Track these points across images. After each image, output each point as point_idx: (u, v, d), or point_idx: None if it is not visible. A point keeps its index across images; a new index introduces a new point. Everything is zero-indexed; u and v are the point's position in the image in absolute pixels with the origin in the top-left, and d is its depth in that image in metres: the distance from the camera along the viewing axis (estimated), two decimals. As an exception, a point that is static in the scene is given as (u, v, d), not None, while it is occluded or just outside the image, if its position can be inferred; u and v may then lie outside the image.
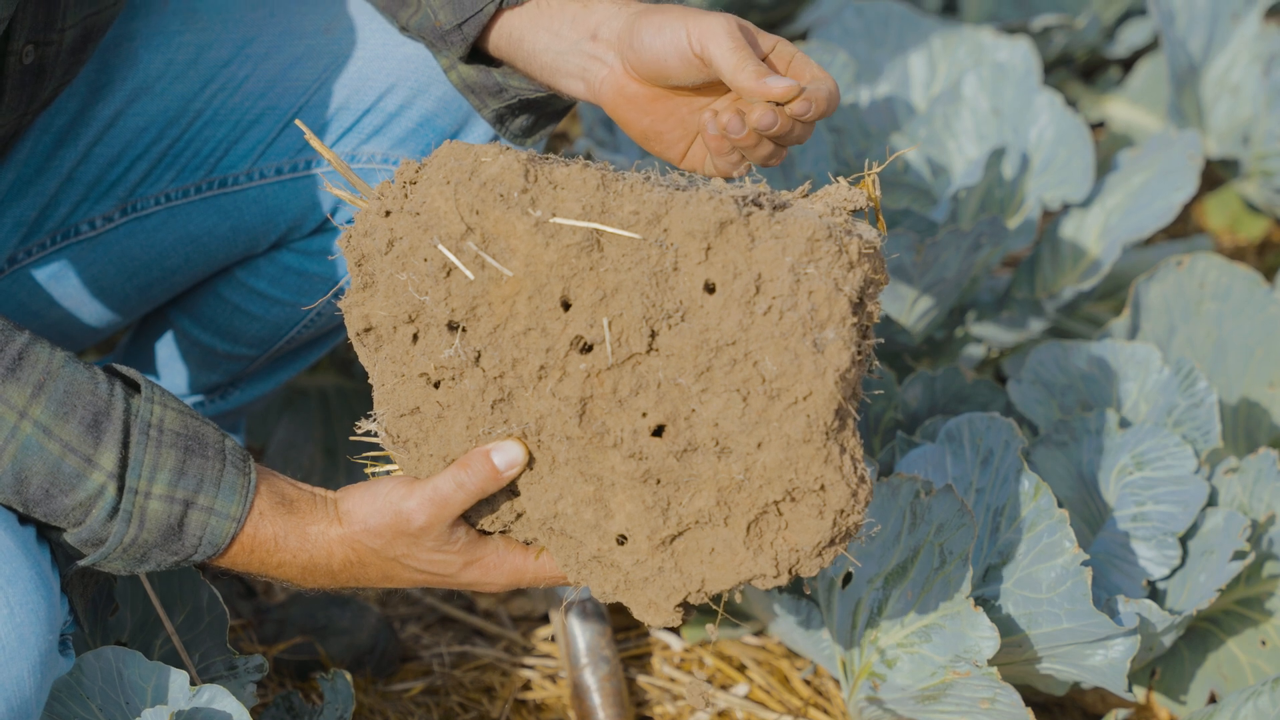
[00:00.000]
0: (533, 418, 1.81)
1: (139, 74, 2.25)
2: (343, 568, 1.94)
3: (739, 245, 1.74)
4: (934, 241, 2.78)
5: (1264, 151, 3.53)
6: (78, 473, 1.85)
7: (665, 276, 1.75)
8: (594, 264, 1.76)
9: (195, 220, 2.31)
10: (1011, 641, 2.33)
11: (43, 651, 1.85)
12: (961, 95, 3.21)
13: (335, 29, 2.25)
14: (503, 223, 1.77)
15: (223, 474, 1.89)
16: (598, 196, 1.76)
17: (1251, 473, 2.53)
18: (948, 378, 2.67)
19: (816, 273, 1.72)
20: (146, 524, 1.87)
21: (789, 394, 1.74)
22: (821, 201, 1.83)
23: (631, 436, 1.78)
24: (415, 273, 1.79)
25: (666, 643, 2.73)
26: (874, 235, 1.79)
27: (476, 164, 1.78)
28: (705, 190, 1.77)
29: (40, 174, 2.26)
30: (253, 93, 2.25)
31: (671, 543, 1.84)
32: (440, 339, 1.81)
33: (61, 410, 1.85)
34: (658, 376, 1.77)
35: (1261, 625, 2.52)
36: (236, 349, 2.46)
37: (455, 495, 1.87)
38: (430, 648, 2.74)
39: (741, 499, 1.79)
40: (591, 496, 1.83)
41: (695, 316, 1.75)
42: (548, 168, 1.78)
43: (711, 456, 1.78)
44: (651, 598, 1.86)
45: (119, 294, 2.36)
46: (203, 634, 2.25)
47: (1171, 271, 2.84)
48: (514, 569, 1.95)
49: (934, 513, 2.30)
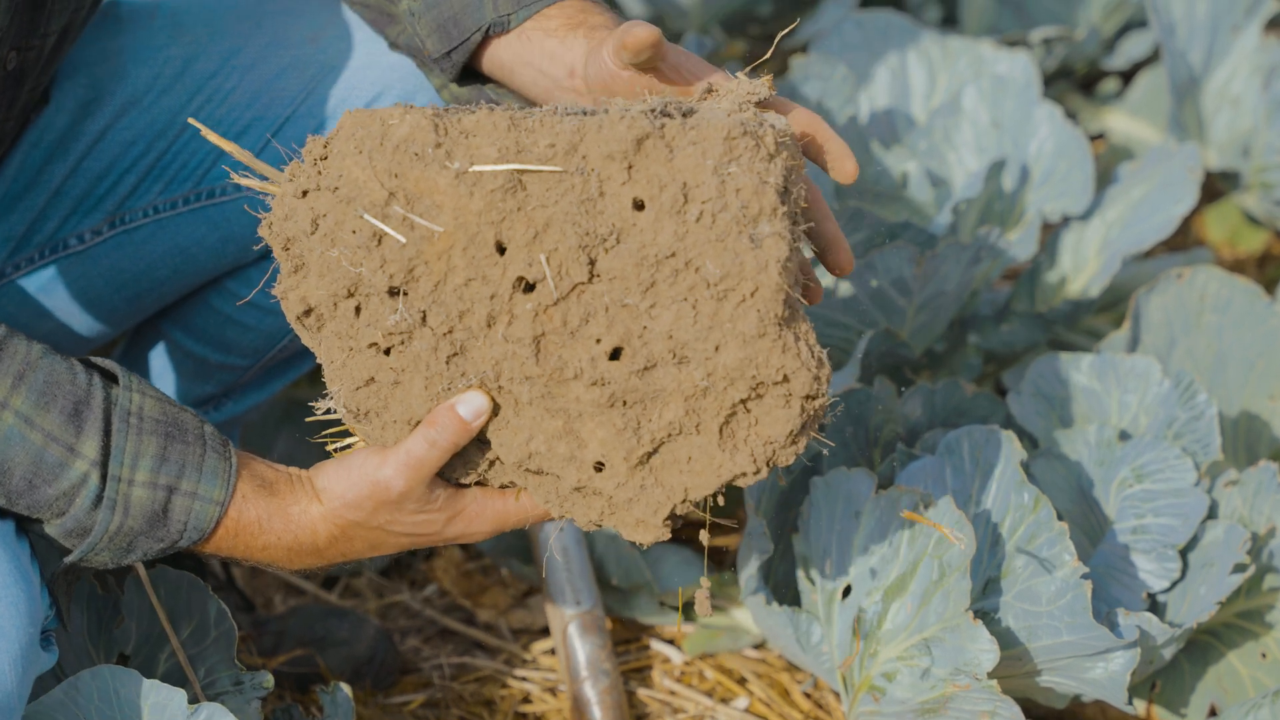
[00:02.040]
0: (489, 365, 1.82)
1: (127, 88, 2.26)
2: (329, 544, 1.94)
3: (659, 158, 1.75)
4: (934, 254, 2.78)
5: (1264, 164, 3.53)
6: (60, 462, 1.85)
7: (593, 202, 1.76)
8: (521, 204, 1.76)
9: (184, 232, 2.31)
10: (1011, 654, 2.33)
11: (23, 645, 1.85)
12: (961, 107, 3.21)
13: (321, 39, 2.26)
14: (423, 181, 1.76)
15: (204, 458, 1.89)
16: (511, 136, 1.76)
17: (1252, 485, 2.53)
18: (947, 390, 2.67)
19: (739, 170, 1.74)
20: (131, 511, 1.87)
21: (736, 293, 1.75)
22: (728, 99, 1.86)
23: (590, 364, 1.79)
24: (346, 246, 1.79)
25: (667, 656, 2.72)
26: (784, 123, 1.81)
27: (385, 128, 1.77)
28: (615, 111, 1.77)
29: (29, 189, 2.27)
30: (239, 103, 2.26)
31: (648, 460, 1.84)
32: (384, 306, 1.81)
33: (42, 400, 1.85)
34: (604, 301, 1.78)
35: (1262, 638, 2.52)
36: (229, 359, 2.46)
37: (429, 454, 1.86)
38: (430, 660, 2.74)
39: (709, 404, 1.80)
40: (562, 430, 1.84)
41: (630, 236, 1.76)
42: (456, 118, 1.78)
43: (672, 368, 1.79)
44: (638, 516, 1.87)
45: (109, 306, 2.36)
46: (210, 648, 2.24)
47: (1172, 284, 2.84)
48: (496, 514, 1.95)
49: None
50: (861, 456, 2.61)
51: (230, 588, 2.66)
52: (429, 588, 2.87)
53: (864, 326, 2.88)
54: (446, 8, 2.09)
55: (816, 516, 2.45)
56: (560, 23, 2.03)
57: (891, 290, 2.82)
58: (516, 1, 2.05)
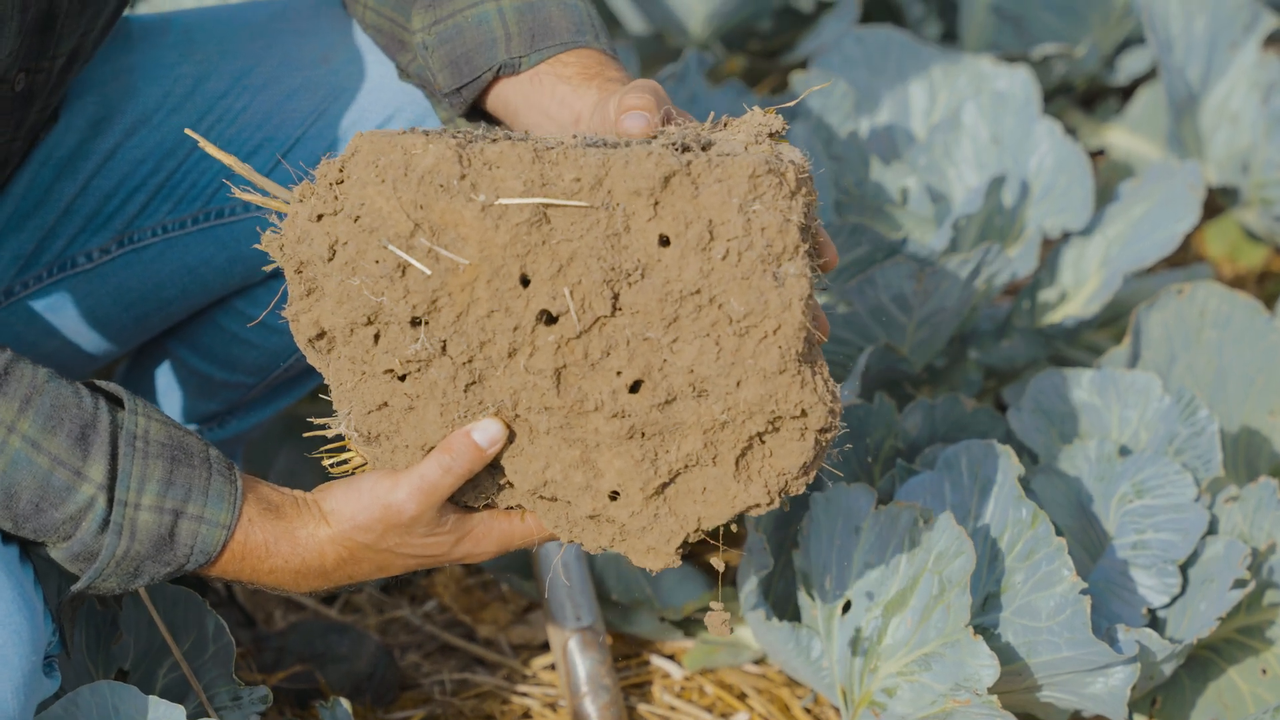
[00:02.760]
0: (507, 394, 1.82)
1: (138, 106, 2.26)
2: (336, 566, 1.93)
3: (685, 195, 1.76)
4: (934, 270, 2.78)
5: (1263, 180, 3.53)
6: (67, 485, 1.85)
7: (618, 237, 1.77)
8: (545, 237, 1.76)
9: (192, 251, 2.31)
10: (1011, 670, 2.32)
11: (26, 672, 1.85)
12: (961, 123, 3.21)
13: (333, 59, 2.26)
14: (449, 213, 1.76)
15: (209, 482, 1.89)
16: (535, 169, 1.76)
17: (1252, 501, 2.53)
18: (947, 406, 2.67)
19: (763, 208, 1.75)
20: (138, 535, 1.87)
21: (758, 330, 1.77)
22: (743, 131, 1.87)
23: (611, 397, 1.80)
24: (368, 276, 1.78)
25: (667, 671, 2.72)
26: (801, 156, 1.82)
27: (408, 157, 1.77)
28: (639, 146, 1.78)
29: (39, 207, 2.27)
30: (250, 124, 2.26)
31: (664, 490, 1.85)
32: (403, 335, 1.80)
33: (49, 424, 1.85)
34: (626, 334, 1.78)
35: (1262, 654, 2.52)
36: (235, 377, 2.46)
37: (443, 480, 1.86)
38: (430, 675, 2.74)
39: (726, 436, 1.81)
40: (579, 460, 1.84)
41: (655, 271, 1.77)
42: (478, 148, 1.78)
43: (692, 401, 1.80)
44: (650, 544, 1.88)
45: (116, 325, 2.36)
46: (208, 663, 2.24)
47: (1172, 300, 2.84)
48: (503, 535, 1.95)
49: (933, 541, 2.30)
50: (862, 472, 2.61)
51: (231, 603, 2.66)
52: (429, 603, 2.87)
53: (864, 342, 2.88)
54: (459, 44, 2.09)
55: (816, 532, 2.45)
56: (576, 70, 2.04)
57: (891, 306, 2.82)
58: (530, 45, 2.06)
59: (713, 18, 3.89)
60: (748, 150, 1.81)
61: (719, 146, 1.83)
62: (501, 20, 2.08)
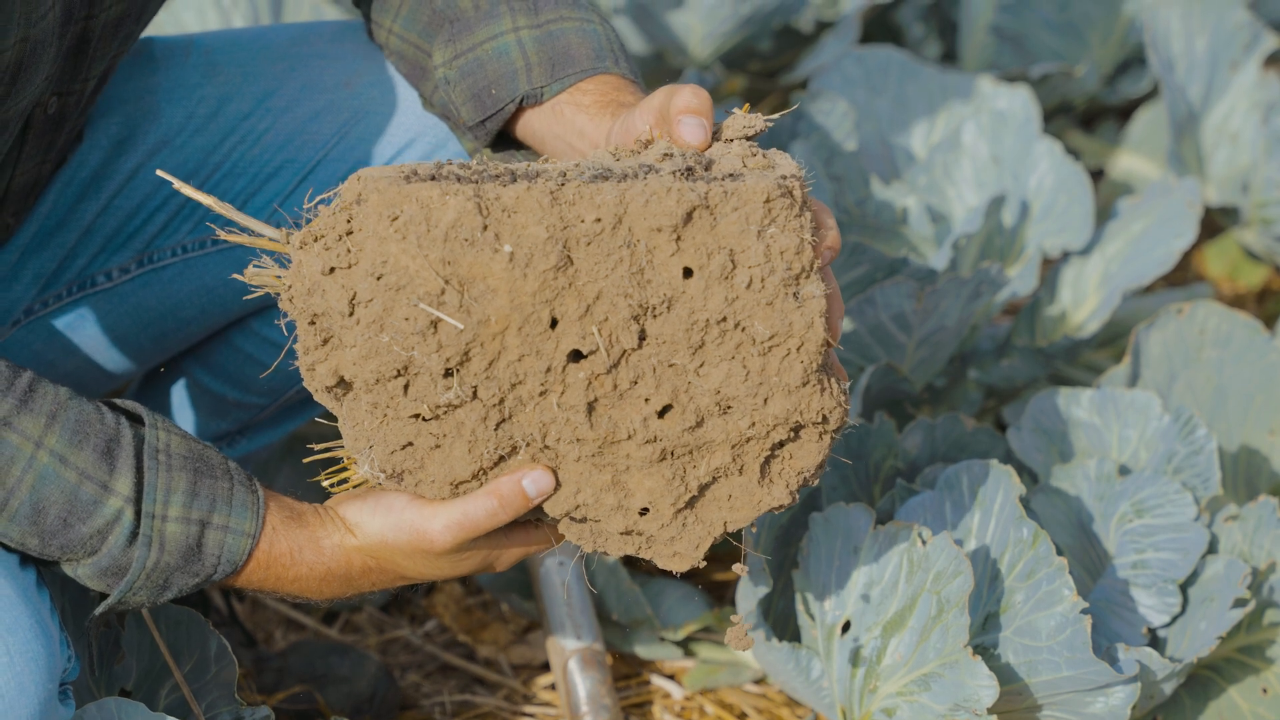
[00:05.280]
0: (537, 428, 1.83)
1: (161, 127, 2.27)
2: (361, 574, 1.94)
3: (704, 227, 1.78)
4: (934, 289, 2.78)
5: (1263, 199, 3.53)
6: (95, 499, 1.85)
7: (642, 273, 1.79)
8: (571, 280, 1.78)
9: (211, 272, 2.32)
10: (1011, 690, 2.32)
11: (42, 700, 1.85)
12: (961, 143, 3.22)
13: (356, 84, 2.27)
14: (477, 266, 1.77)
15: (233, 492, 1.90)
16: (555, 213, 1.77)
17: (1252, 520, 2.53)
18: (947, 425, 2.67)
19: (779, 231, 1.79)
20: (166, 547, 1.87)
21: (781, 348, 1.81)
22: (734, 139, 1.91)
23: (642, 425, 1.82)
24: (398, 332, 1.78)
25: (667, 691, 2.72)
26: (795, 165, 1.85)
27: (428, 211, 1.76)
28: (655, 180, 1.79)
29: (62, 226, 2.27)
30: (272, 145, 2.26)
31: (693, 503, 1.89)
32: (434, 384, 1.81)
33: (75, 439, 1.86)
34: (652, 363, 1.81)
35: (1263, 673, 2.52)
36: (248, 397, 2.46)
37: (486, 523, 1.87)
38: (430, 696, 2.74)
39: (752, 448, 1.86)
40: (610, 483, 1.86)
41: (680, 303, 1.80)
42: (493, 192, 1.78)
43: (719, 420, 1.84)
44: (676, 550, 1.91)
45: (134, 344, 2.37)
46: (210, 684, 2.24)
47: (1172, 319, 2.84)
48: (521, 552, 1.97)
49: (931, 561, 2.30)
50: (862, 491, 2.61)
51: (232, 623, 2.66)
52: (429, 623, 2.87)
53: (864, 361, 2.88)
54: (481, 77, 2.10)
55: (815, 552, 2.45)
56: (594, 99, 2.05)
57: (891, 325, 2.83)
58: (550, 74, 2.07)
59: (713, 38, 3.90)
60: (746, 165, 1.84)
61: (720, 164, 1.85)
62: (521, 51, 2.09)
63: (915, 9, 4.20)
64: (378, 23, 2.22)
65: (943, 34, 4.21)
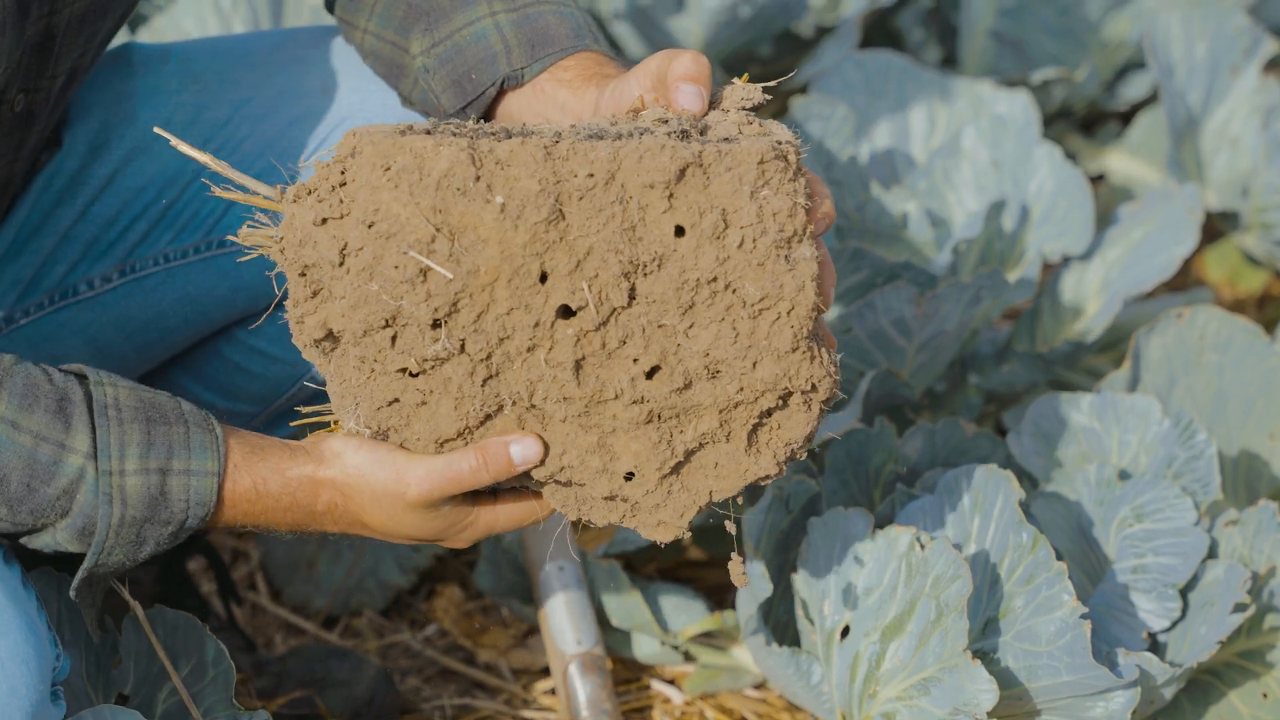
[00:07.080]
0: (523, 385, 1.83)
1: (137, 133, 2.27)
2: (325, 510, 1.93)
3: (697, 185, 1.78)
4: (934, 294, 2.78)
5: (1263, 204, 3.53)
6: (54, 459, 1.85)
7: (633, 229, 1.79)
8: (562, 234, 1.78)
9: (194, 281, 2.32)
10: (1011, 694, 2.32)
11: (34, 702, 1.85)
12: (961, 148, 3.22)
13: (334, 89, 2.27)
14: (468, 215, 1.77)
15: (189, 435, 1.90)
16: (549, 167, 1.77)
17: (1252, 525, 2.53)
18: (948, 430, 2.67)
19: (772, 194, 1.79)
20: (129, 501, 1.87)
21: (772, 312, 1.80)
22: (731, 108, 1.91)
23: (630, 385, 1.82)
24: (388, 280, 1.79)
25: (667, 696, 2.72)
26: (790, 133, 1.85)
27: (420, 160, 1.77)
28: (649, 138, 1.79)
29: (38, 232, 2.27)
30: (251, 152, 2.26)
31: (678, 469, 1.88)
32: (422, 336, 1.81)
33: (25, 402, 1.86)
34: (641, 322, 1.81)
35: (1263, 678, 2.51)
36: (236, 406, 2.46)
37: (467, 478, 1.87)
38: (430, 700, 2.73)
39: (740, 414, 1.85)
40: (595, 445, 1.86)
41: (671, 261, 1.79)
42: (487, 145, 1.78)
43: (707, 383, 1.83)
44: (661, 519, 1.91)
45: (118, 354, 2.37)
46: (207, 688, 2.24)
47: (1172, 324, 2.84)
48: (489, 524, 1.96)
49: (930, 565, 2.30)
50: (862, 496, 2.61)
51: (231, 628, 2.66)
52: (429, 628, 2.87)
53: (864, 366, 2.88)
54: (460, 63, 2.10)
55: (815, 557, 2.45)
56: (576, 74, 2.05)
57: (891, 330, 2.83)
58: (531, 54, 2.07)
59: (712, 43, 3.91)
60: (742, 132, 1.84)
61: (715, 130, 1.85)
62: (500, 34, 2.09)
63: (915, 14, 4.21)
64: (352, 24, 2.21)
65: (943, 39, 4.21)
